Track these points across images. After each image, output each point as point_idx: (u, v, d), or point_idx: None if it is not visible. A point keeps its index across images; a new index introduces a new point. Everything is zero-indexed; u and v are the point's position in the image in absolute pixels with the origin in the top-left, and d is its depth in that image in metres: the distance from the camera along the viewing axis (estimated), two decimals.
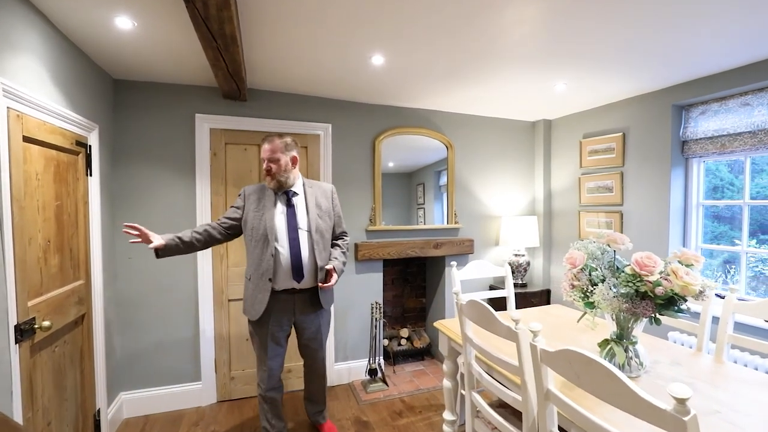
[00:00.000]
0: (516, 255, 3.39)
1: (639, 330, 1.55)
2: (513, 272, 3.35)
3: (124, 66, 2.26)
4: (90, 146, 2.14)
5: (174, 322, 2.61)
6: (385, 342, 3.35)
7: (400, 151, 3.20)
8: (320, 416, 2.36)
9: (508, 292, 2.62)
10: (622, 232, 2.81)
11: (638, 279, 1.38)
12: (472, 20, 1.73)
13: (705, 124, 2.44)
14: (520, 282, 3.42)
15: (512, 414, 1.78)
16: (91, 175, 2.16)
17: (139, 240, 1.80)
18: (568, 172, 3.40)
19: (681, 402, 0.82)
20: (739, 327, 2.17)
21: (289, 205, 2.01)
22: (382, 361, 3.12)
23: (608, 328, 1.99)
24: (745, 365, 2.09)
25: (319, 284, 2.00)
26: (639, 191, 2.80)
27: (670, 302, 1.41)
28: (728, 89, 2.28)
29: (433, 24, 1.76)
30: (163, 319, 2.59)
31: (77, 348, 2.00)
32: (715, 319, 1.92)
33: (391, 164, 3.18)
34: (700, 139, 2.48)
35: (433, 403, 2.72)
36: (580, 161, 3.23)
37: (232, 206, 2.08)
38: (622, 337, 1.55)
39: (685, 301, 1.39)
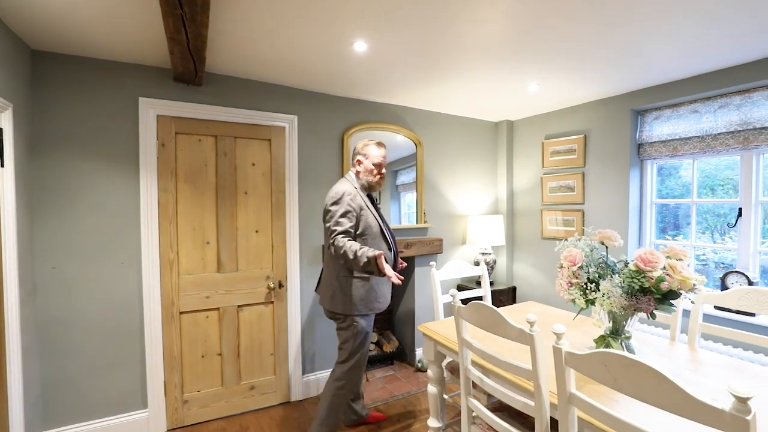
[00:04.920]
0: (483, 253, 3.42)
1: (631, 325, 1.58)
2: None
3: (48, 34, 1.85)
4: (1, 129, 1.72)
5: (113, 341, 2.22)
6: None
7: None
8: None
9: (485, 291, 2.61)
10: (583, 230, 2.95)
11: (642, 275, 1.40)
12: (461, 7, 1.65)
13: (659, 128, 2.64)
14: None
15: (510, 417, 1.73)
16: (2, 165, 1.73)
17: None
18: (530, 172, 3.51)
19: (743, 401, 0.79)
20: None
21: (375, 205, 2.22)
22: None
23: (585, 324, 2.05)
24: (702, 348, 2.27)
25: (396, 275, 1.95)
26: (599, 191, 2.96)
27: (665, 297, 1.45)
28: (680, 97, 2.48)
29: (426, 5, 1.64)
30: (99, 339, 2.18)
31: None
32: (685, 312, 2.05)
33: None
34: (655, 142, 2.68)
35: (410, 410, 2.62)
36: (543, 161, 3.35)
37: (346, 214, 2.00)
38: (618, 332, 1.57)
39: (680, 295, 1.44)
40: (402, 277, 1.85)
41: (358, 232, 2.06)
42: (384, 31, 1.85)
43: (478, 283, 3.31)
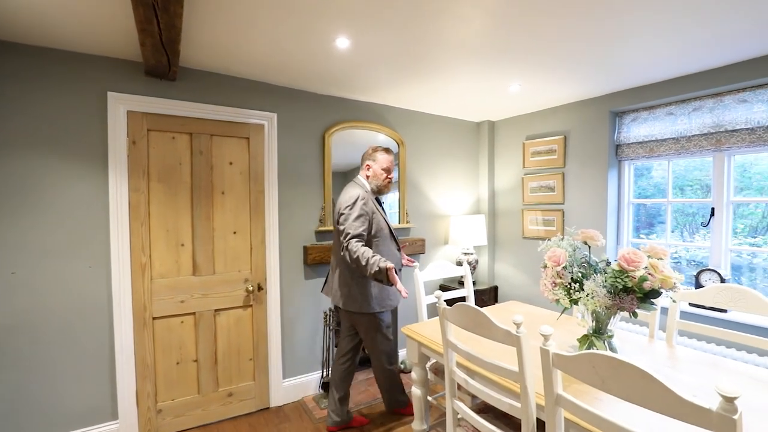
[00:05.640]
0: (465, 253, 3.42)
1: (614, 324, 1.59)
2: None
3: (6, 21, 1.72)
4: None
5: (80, 349, 2.09)
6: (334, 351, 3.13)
7: (339, 148, 2.97)
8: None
9: (468, 292, 2.61)
10: (563, 230, 2.99)
11: (625, 275, 1.41)
12: (445, 4, 1.63)
13: (636, 129, 2.70)
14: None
15: (495, 418, 1.72)
16: None
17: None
18: (511, 172, 3.54)
19: (730, 401, 0.79)
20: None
21: (382, 208, 2.32)
22: None
23: (568, 323, 2.06)
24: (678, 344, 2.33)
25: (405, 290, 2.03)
26: (579, 191, 3.00)
27: (646, 296, 1.47)
28: (656, 99, 2.54)
29: (411, 1, 1.61)
30: (65, 348, 2.05)
31: None
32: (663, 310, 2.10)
33: None
34: (632, 143, 2.74)
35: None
36: (523, 162, 3.38)
37: (359, 217, 2.08)
38: (601, 331, 1.58)
39: (661, 294, 1.46)
40: (407, 292, 1.91)
41: (371, 234, 2.16)
42: (367, 27, 1.81)
43: (461, 283, 3.31)
